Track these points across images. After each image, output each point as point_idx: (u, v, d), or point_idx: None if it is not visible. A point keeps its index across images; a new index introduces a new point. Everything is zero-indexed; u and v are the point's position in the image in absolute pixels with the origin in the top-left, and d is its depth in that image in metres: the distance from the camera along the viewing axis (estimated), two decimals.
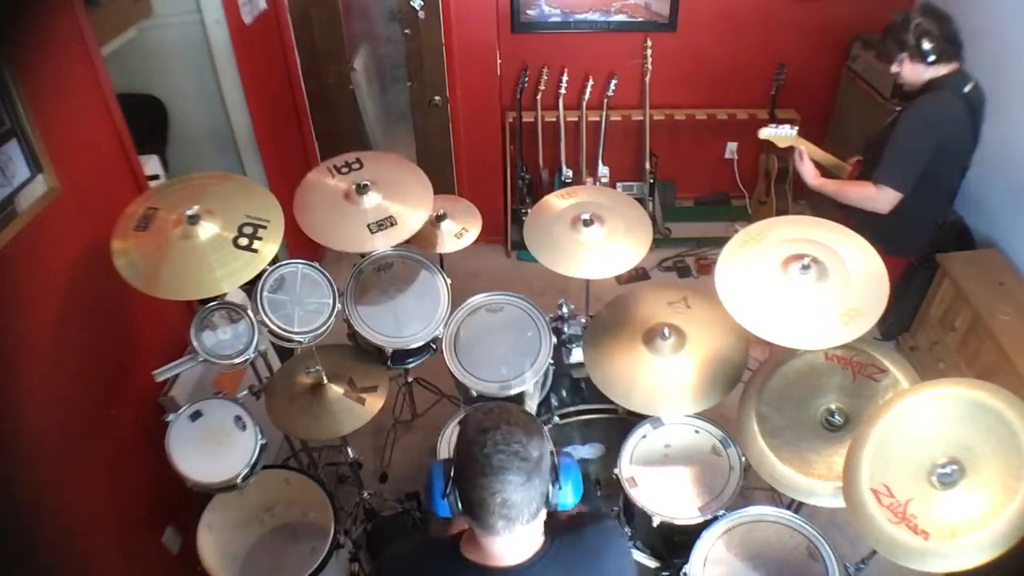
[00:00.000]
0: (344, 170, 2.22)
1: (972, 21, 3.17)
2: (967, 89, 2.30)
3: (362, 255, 2.35)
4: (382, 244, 2.14)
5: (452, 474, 1.19)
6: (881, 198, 2.31)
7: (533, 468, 1.14)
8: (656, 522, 1.89)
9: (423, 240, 2.43)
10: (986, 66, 3.05)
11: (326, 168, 2.23)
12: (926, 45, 2.24)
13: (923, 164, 2.28)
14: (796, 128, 2.51)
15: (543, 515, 1.21)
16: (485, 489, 1.12)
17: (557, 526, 1.28)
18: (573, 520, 1.34)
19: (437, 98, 3.59)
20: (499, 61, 3.60)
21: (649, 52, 3.75)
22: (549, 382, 2.29)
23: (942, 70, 2.28)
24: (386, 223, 2.11)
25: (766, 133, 2.55)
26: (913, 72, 2.31)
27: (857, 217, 2.28)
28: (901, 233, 2.46)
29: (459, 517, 1.21)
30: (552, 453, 1.22)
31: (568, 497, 1.24)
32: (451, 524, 1.47)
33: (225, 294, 1.83)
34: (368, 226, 2.09)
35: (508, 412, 1.18)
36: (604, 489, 2.30)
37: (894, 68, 2.35)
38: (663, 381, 1.97)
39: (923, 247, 2.70)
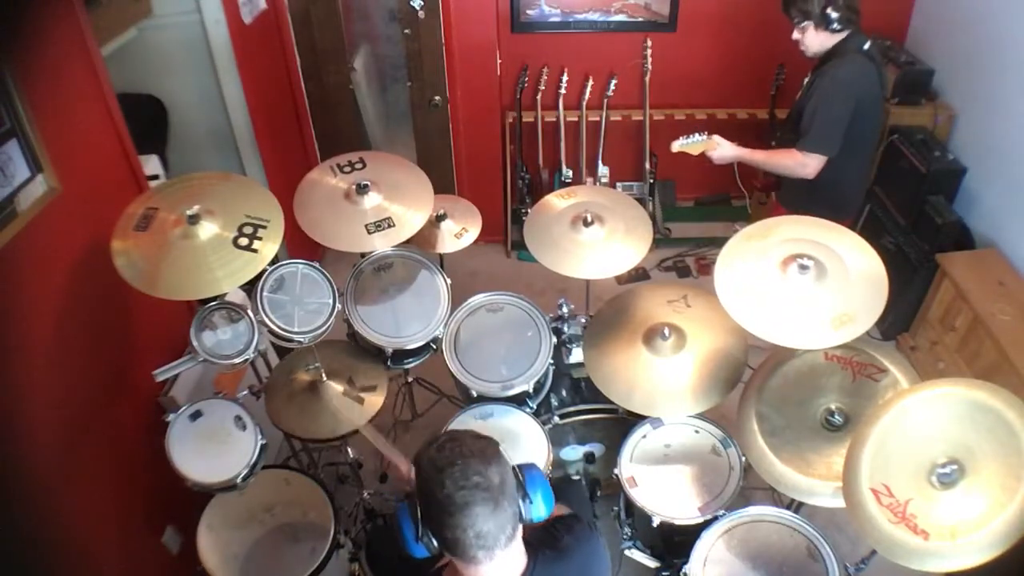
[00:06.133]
0: (347, 169, 2.22)
1: (971, 21, 3.18)
2: (866, 46, 2.37)
3: (362, 255, 2.35)
4: (380, 245, 2.14)
5: (420, 516, 1.17)
6: (809, 163, 2.38)
7: (498, 494, 1.13)
8: (656, 522, 1.90)
9: (423, 240, 2.43)
10: (986, 65, 3.06)
11: (328, 167, 2.23)
12: (832, 13, 2.30)
13: (846, 126, 2.34)
14: (706, 133, 2.52)
15: (520, 532, 1.20)
16: (456, 527, 1.11)
17: (535, 540, 1.28)
18: (548, 531, 1.33)
19: (437, 98, 3.59)
20: (499, 61, 3.60)
21: (649, 52, 3.74)
22: (549, 382, 2.29)
23: (842, 35, 2.35)
24: (384, 224, 2.11)
25: (677, 146, 2.53)
26: (817, 40, 2.38)
27: (794, 187, 2.45)
28: (839, 196, 2.53)
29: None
30: (515, 470, 1.21)
31: (540, 509, 1.23)
32: None
33: (225, 294, 1.83)
34: (366, 227, 2.09)
35: (460, 443, 1.16)
36: (604, 489, 2.30)
37: (795, 35, 2.42)
38: (663, 381, 1.97)
39: (859, 209, 2.78)
